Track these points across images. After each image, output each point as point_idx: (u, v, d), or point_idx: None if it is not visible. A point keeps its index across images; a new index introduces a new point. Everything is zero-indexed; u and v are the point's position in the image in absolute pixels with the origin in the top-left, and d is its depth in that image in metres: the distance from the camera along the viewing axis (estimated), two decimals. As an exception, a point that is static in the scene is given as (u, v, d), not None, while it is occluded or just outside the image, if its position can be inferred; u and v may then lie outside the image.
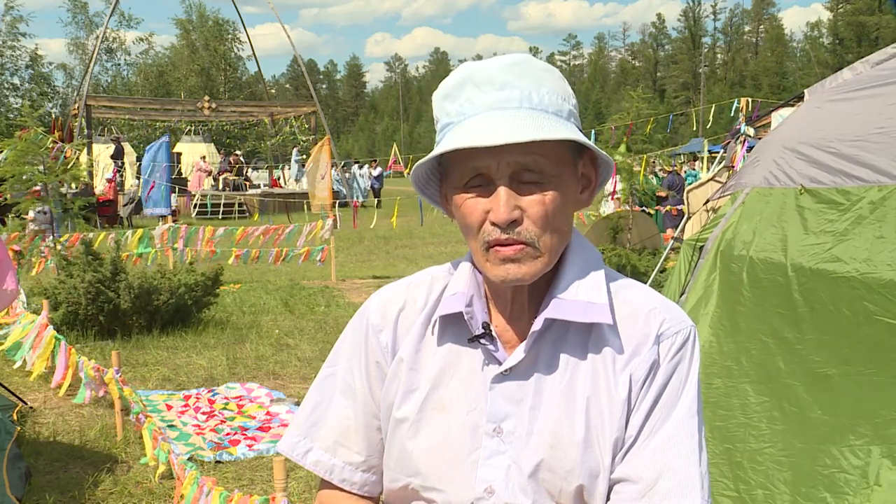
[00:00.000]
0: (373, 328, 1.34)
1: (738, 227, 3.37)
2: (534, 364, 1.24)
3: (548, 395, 1.23)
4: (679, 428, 1.22)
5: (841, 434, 2.63)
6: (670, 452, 1.20)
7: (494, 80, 1.20)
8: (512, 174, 1.17)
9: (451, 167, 1.23)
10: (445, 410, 1.26)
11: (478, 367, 1.26)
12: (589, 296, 1.24)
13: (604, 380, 1.23)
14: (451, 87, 1.23)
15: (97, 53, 32.13)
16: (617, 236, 11.63)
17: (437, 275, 1.36)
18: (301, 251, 11.95)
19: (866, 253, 2.68)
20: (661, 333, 1.24)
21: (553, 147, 1.18)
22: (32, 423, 5.48)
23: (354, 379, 1.36)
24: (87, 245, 8.21)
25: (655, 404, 1.23)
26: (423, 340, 1.31)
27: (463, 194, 1.21)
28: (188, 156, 30.15)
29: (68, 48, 53.35)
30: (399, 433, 1.29)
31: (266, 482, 4.52)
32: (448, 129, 1.22)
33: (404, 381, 1.29)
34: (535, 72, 1.21)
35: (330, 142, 15.27)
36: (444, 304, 1.29)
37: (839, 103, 3.34)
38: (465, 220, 1.21)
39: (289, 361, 7.20)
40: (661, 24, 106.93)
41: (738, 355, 3.10)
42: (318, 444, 1.36)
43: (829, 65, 70.16)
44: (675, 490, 1.18)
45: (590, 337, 1.25)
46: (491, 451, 1.23)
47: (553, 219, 1.19)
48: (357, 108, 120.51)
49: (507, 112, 1.17)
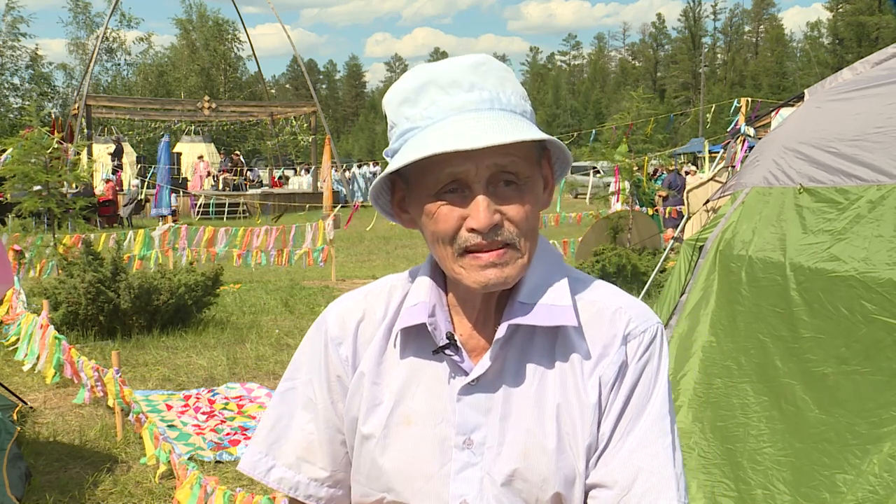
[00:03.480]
0: (332, 340, 1.30)
1: (737, 227, 3.37)
2: (501, 373, 1.21)
3: (517, 403, 1.20)
4: (651, 428, 1.19)
5: (839, 433, 2.63)
6: (644, 454, 1.18)
7: (461, 81, 1.16)
8: (489, 178, 1.14)
9: (419, 175, 1.17)
10: (412, 424, 1.22)
11: (443, 378, 1.23)
12: (552, 298, 1.21)
13: (573, 385, 1.20)
14: (411, 90, 1.18)
15: (97, 53, 32.13)
16: (617, 236, 11.63)
17: (395, 283, 1.32)
18: (303, 251, 11.96)
19: (864, 252, 2.68)
20: (628, 333, 1.22)
21: (526, 148, 1.16)
22: (32, 423, 5.48)
23: (315, 393, 1.31)
24: (87, 245, 8.22)
25: (626, 406, 1.20)
26: (384, 353, 1.27)
27: (436, 202, 1.16)
28: (188, 156, 30.17)
29: (68, 48, 53.33)
30: (367, 448, 1.25)
31: (266, 482, 4.52)
32: (411, 134, 1.17)
33: (367, 396, 1.25)
34: (497, 72, 1.19)
35: (330, 142, 15.27)
36: (404, 316, 1.24)
37: (839, 103, 3.34)
38: (438, 227, 1.16)
39: (289, 361, 7.19)
40: (661, 24, 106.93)
41: (737, 355, 3.10)
42: (280, 461, 1.32)
43: (829, 65, 70.14)
44: (650, 491, 1.16)
45: (556, 341, 1.22)
46: (462, 463, 1.20)
47: (530, 221, 1.17)
48: (357, 108, 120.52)
49: (481, 114, 1.14)
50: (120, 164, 26.95)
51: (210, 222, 20.78)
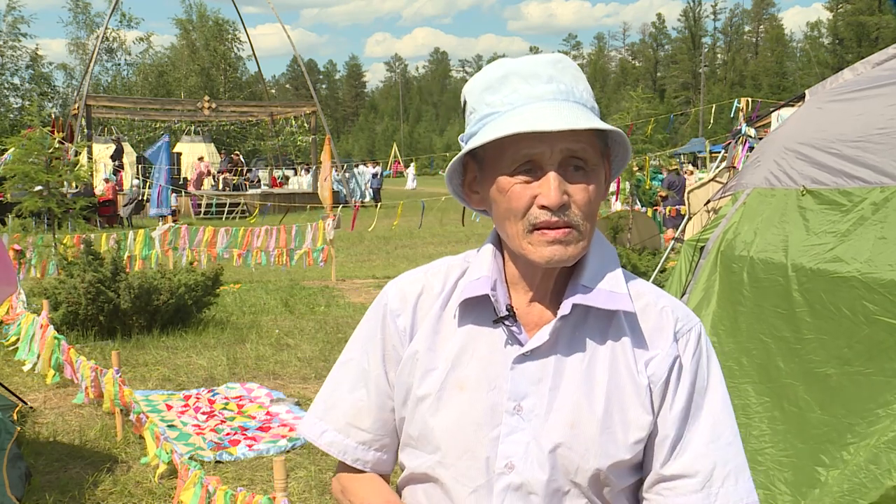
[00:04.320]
0: (391, 313, 1.40)
1: (739, 228, 3.37)
2: (554, 346, 1.29)
3: (567, 376, 1.29)
4: (720, 420, 1.30)
5: (840, 434, 2.63)
6: (717, 444, 1.28)
7: (541, 74, 1.27)
8: (561, 161, 1.23)
9: (496, 154, 1.27)
10: (465, 389, 1.31)
11: (497, 347, 1.31)
12: (611, 285, 1.31)
13: (624, 366, 1.29)
14: (494, 79, 1.29)
15: (97, 53, 32.10)
16: (617, 236, 11.63)
17: (453, 263, 1.43)
18: (303, 250, 11.95)
19: (868, 253, 2.67)
20: (678, 331, 1.32)
21: (595, 139, 1.27)
22: (32, 423, 5.48)
23: (370, 362, 1.41)
24: (87, 245, 8.21)
25: (690, 401, 1.30)
26: (440, 323, 1.36)
27: (510, 179, 1.25)
28: (188, 156, 30.16)
29: (68, 48, 53.32)
30: (420, 410, 1.34)
31: (266, 482, 4.52)
32: (491, 118, 1.27)
33: (423, 362, 1.34)
34: (572, 70, 1.30)
35: (330, 142, 15.29)
36: (468, 288, 1.34)
37: (840, 104, 3.34)
38: (511, 203, 1.26)
39: (289, 361, 7.20)
40: (661, 24, 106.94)
41: (738, 355, 3.10)
42: (332, 426, 1.42)
43: (829, 65, 70.15)
44: (729, 477, 1.27)
45: (609, 324, 1.31)
46: (511, 427, 1.28)
47: (592, 206, 1.27)
48: (357, 108, 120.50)
49: (557, 103, 1.24)
50: (120, 164, 26.94)
51: (210, 222, 20.79)
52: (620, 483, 1.29)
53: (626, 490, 1.32)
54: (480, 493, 1.28)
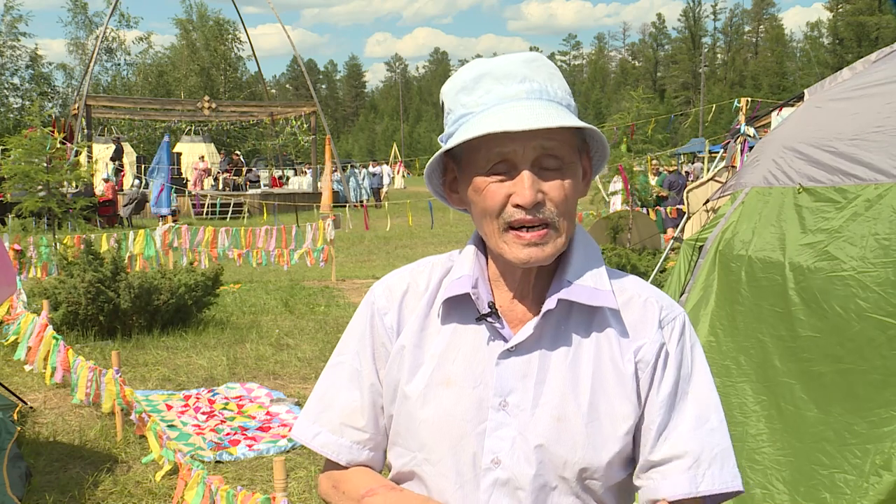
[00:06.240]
0: (378, 311, 1.41)
1: (737, 227, 3.37)
2: (539, 341, 1.31)
3: (553, 370, 1.30)
4: (705, 405, 1.33)
5: (837, 432, 2.63)
6: (704, 429, 1.31)
7: (515, 74, 1.28)
8: (535, 159, 1.25)
9: (471, 154, 1.29)
10: (451, 385, 1.32)
11: (482, 344, 1.33)
12: (594, 282, 1.33)
13: (608, 357, 1.31)
14: (468, 80, 1.31)
15: (97, 53, 32.11)
16: (617, 236, 11.64)
17: (436, 262, 1.45)
18: (304, 250, 11.96)
19: (860, 250, 2.68)
20: (663, 319, 1.34)
21: (570, 136, 1.29)
22: (32, 423, 5.48)
23: (361, 362, 1.42)
24: (87, 245, 8.22)
25: (676, 387, 1.32)
26: (426, 320, 1.38)
27: (485, 178, 1.27)
28: (188, 156, 30.14)
29: (68, 48, 53.32)
30: (407, 406, 1.35)
31: (266, 482, 4.53)
32: (466, 118, 1.29)
33: (409, 359, 1.36)
34: (547, 68, 1.32)
35: (330, 142, 15.28)
36: (450, 287, 1.35)
37: (838, 103, 3.34)
38: (487, 202, 1.28)
39: (289, 361, 7.21)
40: (661, 24, 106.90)
41: (736, 355, 3.10)
42: (326, 428, 1.42)
43: (829, 65, 70.11)
44: (716, 460, 1.30)
45: (593, 320, 1.33)
46: (497, 423, 1.29)
47: (569, 202, 1.28)
48: (357, 108, 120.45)
49: (531, 102, 1.26)
50: (121, 164, 26.92)
51: (211, 222, 20.79)
52: (608, 478, 1.30)
53: (615, 486, 1.32)
54: (467, 489, 1.29)
